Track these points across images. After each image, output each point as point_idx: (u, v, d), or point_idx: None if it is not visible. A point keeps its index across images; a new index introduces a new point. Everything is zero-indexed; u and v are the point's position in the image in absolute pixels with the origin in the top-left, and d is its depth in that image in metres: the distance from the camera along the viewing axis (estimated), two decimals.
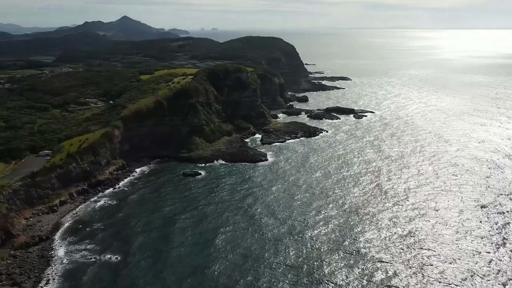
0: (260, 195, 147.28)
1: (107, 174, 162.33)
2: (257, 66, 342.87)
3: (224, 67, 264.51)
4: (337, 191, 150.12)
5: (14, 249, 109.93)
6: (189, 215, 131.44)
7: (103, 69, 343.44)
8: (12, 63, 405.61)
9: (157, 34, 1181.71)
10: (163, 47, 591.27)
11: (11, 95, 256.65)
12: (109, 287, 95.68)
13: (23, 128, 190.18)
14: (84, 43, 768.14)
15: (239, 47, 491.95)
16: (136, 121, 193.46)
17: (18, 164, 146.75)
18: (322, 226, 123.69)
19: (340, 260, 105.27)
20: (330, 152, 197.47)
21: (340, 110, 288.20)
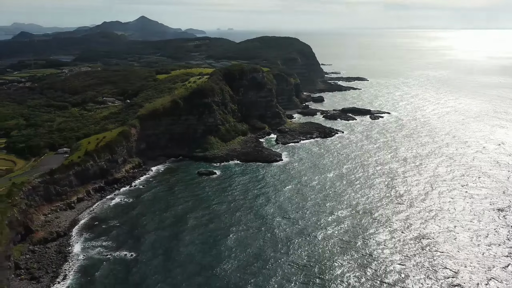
0: (274, 195, 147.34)
1: (124, 172, 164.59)
2: (273, 66, 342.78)
3: (240, 67, 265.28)
4: (351, 192, 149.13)
5: (33, 244, 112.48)
6: (202, 214, 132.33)
7: (121, 69, 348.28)
8: (33, 62, 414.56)
9: (174, 34, 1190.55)
10: (179, 47, 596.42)
11: (31, 94, 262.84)
12: (123, 284, 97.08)
13: (42, 126, 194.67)
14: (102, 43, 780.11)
15: (255, 47, 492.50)
16: (152, 120, 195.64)
17: (38, 161, 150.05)
18: (334, 227, 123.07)
19: (352, 262, 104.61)
20: (345, 153, 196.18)
21: (356, 111, 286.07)
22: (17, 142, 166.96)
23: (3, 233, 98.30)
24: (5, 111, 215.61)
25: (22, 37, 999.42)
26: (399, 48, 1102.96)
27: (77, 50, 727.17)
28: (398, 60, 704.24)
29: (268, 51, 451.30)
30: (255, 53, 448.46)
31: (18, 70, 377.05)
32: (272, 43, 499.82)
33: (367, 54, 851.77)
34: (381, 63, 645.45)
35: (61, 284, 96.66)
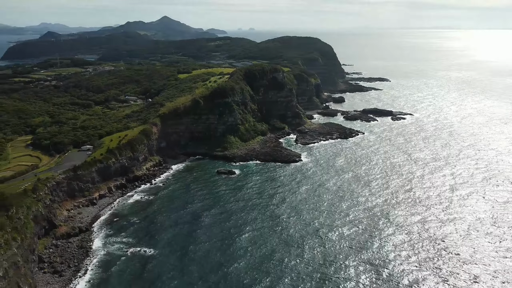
0: (291, 195, 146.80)
1: (144, 170, 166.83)
2: (294, 66, 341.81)
3: (260, 66, 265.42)
4: (369, 194, 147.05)
5: (56, 239, 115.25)
6: (219, 212, 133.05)
7: (143, 68, 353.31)
8: (59, 61, 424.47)
9: (196, 34, 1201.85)
10: (201, 47, 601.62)
11: (57, 92, 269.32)
12: (141, 279, 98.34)
13: (67, 123, 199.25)
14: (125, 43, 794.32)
15: (276, 47, 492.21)
16: (173, 119, 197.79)
17: (62, 158, 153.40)
18: (350, 228, 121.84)
19: (367, 263, 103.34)
20: (365, 154, 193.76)
21: (377, 112, 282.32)
22: (43, 138, 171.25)
23: (28, 227, 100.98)
24: (32, 109, 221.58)
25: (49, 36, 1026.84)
26: (421, 48, 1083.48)
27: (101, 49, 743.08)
28: (420, 61, 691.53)
29: (289, 51, 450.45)
30: (276, 53, 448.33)
31: (44, 69, 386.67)
32: (293, 43, 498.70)
33: (389, 54, 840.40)
34: (403, 64, 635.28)
35: (82, 278, 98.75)
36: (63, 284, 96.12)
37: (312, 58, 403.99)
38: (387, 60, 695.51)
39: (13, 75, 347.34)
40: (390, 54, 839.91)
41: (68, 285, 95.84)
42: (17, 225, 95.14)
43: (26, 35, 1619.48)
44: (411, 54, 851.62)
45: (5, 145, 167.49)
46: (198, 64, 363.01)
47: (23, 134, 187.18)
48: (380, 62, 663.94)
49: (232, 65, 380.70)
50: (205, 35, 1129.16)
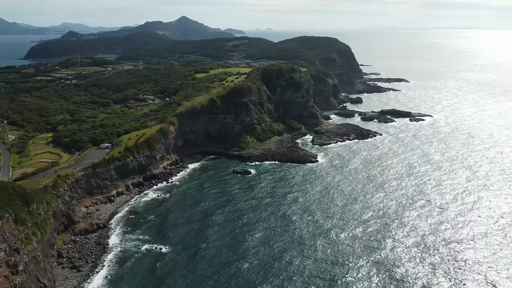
0: (306, 196, 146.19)
1: (161, 168, 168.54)
2: (311, 66, 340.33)
3: (277, 66, 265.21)
4: (384, 195, 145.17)
5: (75, 235, 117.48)
6: (234, 212, 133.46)
7: (161, 67, 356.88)
8: (79, 60, 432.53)
9: (214, 33, 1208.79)
10: (218, 47, 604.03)
11: (77, 91, 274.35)
12: (157, 276, 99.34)
13: (86, 121, 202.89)
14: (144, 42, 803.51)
15: (293, 47, 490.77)
16: (190, 118, 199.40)
17: (81, 155, 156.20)
18: (363, 229, 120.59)
19: (379, 265, 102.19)
20: (382, 155, 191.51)
21: (395, 113, 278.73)
22: (63, 136, 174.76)
23: (48, 222, 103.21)
24: (53, 107, 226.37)
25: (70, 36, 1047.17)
26: (440, 49, 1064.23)
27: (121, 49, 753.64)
28: (439, 62, 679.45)
29: (306, 51, 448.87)
30: (293, 53, 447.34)
31: (65, 68, 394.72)
32: (310, 43, 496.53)
33: (407, 55, 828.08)
34: (422, 65, 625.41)
35: (100, 274, 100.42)
36: (81, 279, 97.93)
37: (329, 58, 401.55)
38: (405, 61, 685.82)
39: (35, 74, 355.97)
40: (409, 55, 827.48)
41: (85, 281, 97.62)
42: (37, 220, 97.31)
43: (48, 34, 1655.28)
44: (430, 55, 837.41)
45: (27, 142, 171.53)
46: (215, 64, 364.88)
47: (44, 131, 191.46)
48: (399, 62, 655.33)
49: (249, 65, 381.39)
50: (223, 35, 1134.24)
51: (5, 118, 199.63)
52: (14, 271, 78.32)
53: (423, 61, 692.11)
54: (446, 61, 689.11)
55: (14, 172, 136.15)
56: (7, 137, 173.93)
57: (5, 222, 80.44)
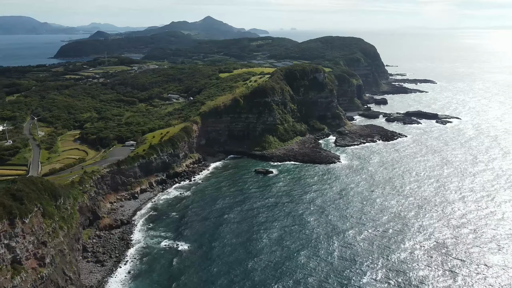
0: (326, 197, 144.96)
1: (184, 167, 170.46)
2: (335, 67, 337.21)
3: (301, 67, 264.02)
4: (404, 199, 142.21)
5: (99, 230, 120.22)
6: (254, 211, 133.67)
7: (186, 67, 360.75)
8: (107, 59, 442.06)
9: (238, 33, 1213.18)
10: (242, 46, 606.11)
11: (104, 89, 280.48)
12: (178, 274, 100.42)
13: (112, 119, 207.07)
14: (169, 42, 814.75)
15: (317, 47, 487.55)
16: (213, 117, 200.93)
17: (107, 152, 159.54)
18: (382, 232, 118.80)
19: (395, 268, 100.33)
20: (407, 158, 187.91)
21: (421, 115, 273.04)
22: (90, 133, 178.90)
23: (74, 217, 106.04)
24: (81, 105, 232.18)
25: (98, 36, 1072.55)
26: (471, 49, 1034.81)
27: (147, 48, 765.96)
28: (469, 63, 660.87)
29: (330, 51, 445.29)
30: (317, 53, 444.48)
31: (93, 67, 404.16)
32: (335, 43, 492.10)
33: (436, 55, 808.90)
34: (450, 65, 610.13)
35: (123, 269, 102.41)
36: (104, 274, 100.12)
37: (354, 59, 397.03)
38: (433, 62, 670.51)
39: (64, 72, 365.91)
40: (437, 55, 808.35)
41: (109, 275, 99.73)
42: (64, 215, 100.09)
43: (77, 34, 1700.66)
44: (460, 55, 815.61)
45: (56, 138, 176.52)
46: (239, 64, 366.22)
47: (72, 128, 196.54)
48: (426, 63, 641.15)
49: (273, 65, 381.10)
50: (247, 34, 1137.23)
51: (35, 115, 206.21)
52: (42, 263, 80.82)
53: (452, 62, 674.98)
54: (475, 62, 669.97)
55: (43, 167, 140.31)
56: (37, 133, 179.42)
57: (34, 216, 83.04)
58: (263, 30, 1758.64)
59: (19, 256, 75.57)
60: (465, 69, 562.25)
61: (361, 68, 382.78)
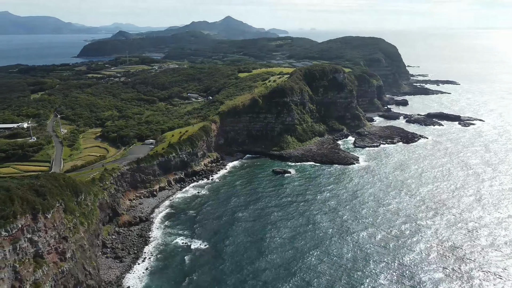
0: (344, 198, 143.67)
1: (202, 166, 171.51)
2: (355, 67, 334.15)
3: (320, 67, 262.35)
4: (429, 202, 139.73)
5: (119, 226, 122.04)
6: (272, 211, 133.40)
7: (205, 66, 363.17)
8: (128, 59, 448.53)
9: (257, 33, 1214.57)
10: (262, 46, 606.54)
11: (125, 88, 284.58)
12: (194, 272, 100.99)
13: (133, 118, 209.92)
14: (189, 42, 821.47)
15: (337, 47, 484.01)
16: (232, 116, 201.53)
17: (127, 150, 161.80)
18: (408, 235, 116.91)
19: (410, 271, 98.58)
20: (427, 161, 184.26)
21: (443, 117, 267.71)
22: (110, 131, 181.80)
23: (94, 213, 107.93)
24: (102, 103, 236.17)
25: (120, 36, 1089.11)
26: (496, 50, 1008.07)
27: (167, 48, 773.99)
28: (494, 63, 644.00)
29: (351, 51, 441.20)
30: (337, 53, 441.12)
31: (115, 66, 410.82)
32: (355, 43, 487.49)
33: (460, 56, 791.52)
34: (475, 66, 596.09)
35: (141, 265, 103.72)
36: (123, 270, 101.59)
37: (374, 59, 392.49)
38: (457, 62, 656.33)
39: (87, 71, 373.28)
40: (461, 56, 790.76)
41: (127, 271, 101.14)
42: (85, 211, 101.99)
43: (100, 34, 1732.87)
44: (484, 56, 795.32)
45: (78, 136, 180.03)
46: (258, 64, 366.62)
47: (93, 126, 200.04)
48: (449, 64, 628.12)
49: (292, 65, 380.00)
50: (267, 34, 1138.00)
51: (58, 113, 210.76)
52: (62, 257, 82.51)
53: (475, 62, 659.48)
54: (501, 63, 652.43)
55: (65, 164, 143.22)
56: (60, 130, 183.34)
57: (56, 211, 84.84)
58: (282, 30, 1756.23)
59: (41, 250, 77.32)
60: (489, 70, 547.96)
61: (382, 69, 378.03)
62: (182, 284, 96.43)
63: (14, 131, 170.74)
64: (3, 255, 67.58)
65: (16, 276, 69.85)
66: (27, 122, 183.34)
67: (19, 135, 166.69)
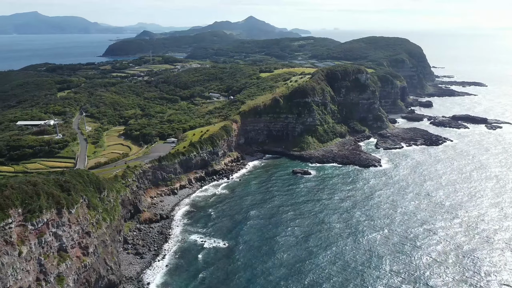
0: (364, 200, 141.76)
1: (223, 165, 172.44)
2: (378, 68, 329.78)
3: (343, 67, 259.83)
4: (449, 205, 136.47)
5: (140, 223, 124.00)
6: (291, 211, 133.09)
7: (227, 66, 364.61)
8: (151, 58, 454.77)
9: (280, 33, 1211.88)
10: (284, 46, 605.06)
11: (148, 87, 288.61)
12: (214, 270, 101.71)
13: (155, 116, 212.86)
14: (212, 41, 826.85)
15: (360, 47, 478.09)
16: (253, 116, 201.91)
17: (149, 148, 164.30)
18: (424, 238, 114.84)
19: (444, 275, 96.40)
20: (452, 165, 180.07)
21: (469, 119, 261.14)
22: (133, 129, 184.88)
23: (116, 209, 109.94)
24: (126, 102, 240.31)
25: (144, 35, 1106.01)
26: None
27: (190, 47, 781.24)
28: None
29: (374, 51, 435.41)
30: (360, 54, 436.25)
31: (138, 65, 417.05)
32: (379, 43, 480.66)
33: (488, 57, 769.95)
34: (504, 68, 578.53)
35: (161, 262, 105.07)
36: (143, 266, 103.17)
37: (398, 60, 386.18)
38: (483, 64, 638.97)
39: (111, 70, 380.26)
40: (488, 57, 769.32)
41: (147, 267, 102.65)
42: (107, 207, 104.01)
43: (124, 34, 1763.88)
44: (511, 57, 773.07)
45: (102, 133, 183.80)
46: (280, 64, 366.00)
47: (117, 124, 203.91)
48: (476, 65, 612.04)
49: (314, 65, 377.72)
50: (289, 34, 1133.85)
51: (84, 111, 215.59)
52: (85, 252, 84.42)
53: (504, 64, 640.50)
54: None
55: (89, 161, 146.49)
56: (84, 128, 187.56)
57: (80, 207, 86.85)
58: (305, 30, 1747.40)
59: (65, 245, 79.28)
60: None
61: (406, 70, 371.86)
62: (200, 282, 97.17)
63: (41, 128, 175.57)
64: (29, 248, 69.62)
65: (41, 269, 71.91)
66: (54, 120, 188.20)
67: (46, 132, 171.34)
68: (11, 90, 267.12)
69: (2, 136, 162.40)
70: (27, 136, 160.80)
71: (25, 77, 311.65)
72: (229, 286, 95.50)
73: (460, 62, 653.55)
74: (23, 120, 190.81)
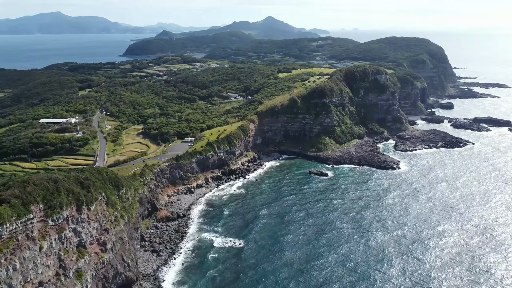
0: (381, 202, 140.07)
1: (239, 165, 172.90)
2: (398, 68, 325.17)
3: (362, 67, 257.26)
4: (464, 210, 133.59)
5: (157, 221, 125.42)
6: (306, 212, 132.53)
7: (245, 66, 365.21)
8: (170, 58, 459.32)
9: (298, 33, 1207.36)
10: (302, 47, 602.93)
11: (167, 86, 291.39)
12: (229, 269, 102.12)
13: (173, 116, 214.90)
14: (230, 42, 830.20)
15: (380, 47, 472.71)
16: (270, 116, 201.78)
17: (167, 147, 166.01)
18: (436, 242, 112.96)
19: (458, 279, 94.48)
20: (473, 168, 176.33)
21: (491, 121, 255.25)
22: (152, 128, 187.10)
23: (134, 207, 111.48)
24: (145, 101, 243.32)
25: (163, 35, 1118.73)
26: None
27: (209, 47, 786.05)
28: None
29: (394, 52, 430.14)
30: (379, 54, 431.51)
31: (158, 65, 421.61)
32: (399, 43, 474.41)
33: (510, 58, 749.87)
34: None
35: (177, 260, 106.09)
36: (160, 263, 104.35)
37: (419, 60, 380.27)
38: (509, 65, 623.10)
39: (131, 69, 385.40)
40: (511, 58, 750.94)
41: (164, 265, 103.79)
42: (125, 205, 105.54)
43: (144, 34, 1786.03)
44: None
45: (121, 132, 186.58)
46: (298, 64, 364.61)
47: (136, 123, 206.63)
48: (499, 66, 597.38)
49: (332, 65, 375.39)
50: (308, 35, 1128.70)
51: (104, 109, 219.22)
52: (103, 248, 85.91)
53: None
54: None
55: (108, 158, 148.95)
56: (104, 126, 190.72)
57: (99, 204, 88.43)
58: (324, 30, 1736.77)
59: (84, 241, 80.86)
60: None
61: (426, 70, 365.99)
62: (212, 280, 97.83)
63: (63, 126, 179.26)
64: (49, 244, 71.24)
65: (60, 264, 73.50)
66: (75, 118, 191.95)
67: (67, 129, 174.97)
68: (34, 89, 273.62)
69: (25, 133, 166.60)
70: (49, 134, 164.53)
71: (48, 76, 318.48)
72: (240, 285, 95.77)
73: (482, 63, 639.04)
74: (45, 118, 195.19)
